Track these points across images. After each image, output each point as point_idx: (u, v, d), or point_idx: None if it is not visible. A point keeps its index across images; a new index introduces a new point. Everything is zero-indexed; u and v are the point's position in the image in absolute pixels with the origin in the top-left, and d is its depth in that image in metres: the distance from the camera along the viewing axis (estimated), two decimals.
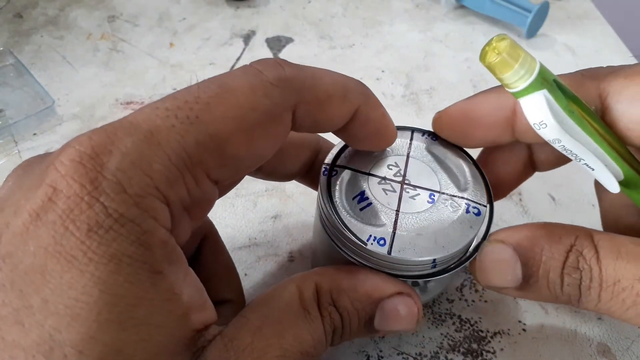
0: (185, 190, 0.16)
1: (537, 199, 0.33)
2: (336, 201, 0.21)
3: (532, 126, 0.20)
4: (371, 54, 0.44)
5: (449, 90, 0.41)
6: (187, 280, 0.17)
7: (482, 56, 0.18)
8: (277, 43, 0.45)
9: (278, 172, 0.24)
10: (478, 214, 0.21)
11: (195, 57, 0.44)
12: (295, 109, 0.18)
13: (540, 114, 0.19)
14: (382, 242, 0.20)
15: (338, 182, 0.22)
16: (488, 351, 0.26)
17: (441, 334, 0.26)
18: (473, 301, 0.27)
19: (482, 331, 0.26)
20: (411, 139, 0.24)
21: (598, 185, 0.26)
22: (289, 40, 0.46)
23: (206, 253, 0.24)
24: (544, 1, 0.44)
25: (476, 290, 0.28)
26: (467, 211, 0.21)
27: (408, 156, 0.23)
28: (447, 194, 0.22)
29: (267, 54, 0.44)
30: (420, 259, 0.20)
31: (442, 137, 0.24)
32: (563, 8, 0.49)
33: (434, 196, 0.22)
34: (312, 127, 0.19)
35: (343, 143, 0.23)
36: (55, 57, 0.43)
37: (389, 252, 0.20)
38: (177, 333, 0.16)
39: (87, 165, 0.15)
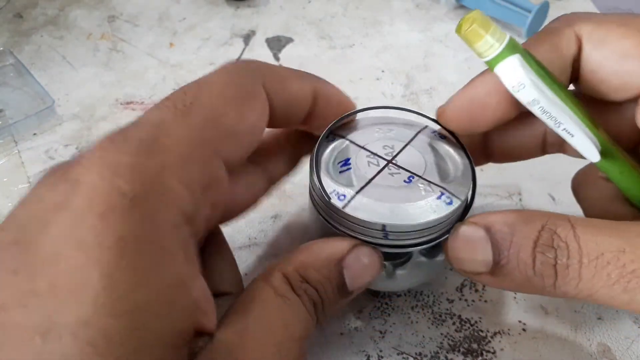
0: (199, 169, 0.17)
1: (537, 199, 0.33)
2: (320, 160, 0.23)
3: (510, 90, 0.20)
4: (371, 54, 0.44)
5: (449, 90, 0.40)
6: (199, 281, 0.17)
7: (458, 28, 0.20)
8: (277, 43, 0.45)
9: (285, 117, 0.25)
10: (450, 203, 0.22)
11: (195, 57, 0.44)
12: (265, 85, 0.20)
13: (517, 76, 0.20)
14: (341, 197, 0.21)
15: (331, 146, 0.24)
16: (488, 351, 0.26)
17: (441, 334, 0.26)
18: (473, 301, 0.27)
19: (482, 331, 0.26)
20: (419, 132, 0.25)
21: (577, 187, 0.26)
22: (289, 40, 0.46)
23: (208, 248, 0.24)
24: (544, 1, 0.44)
25: (476, 290, 0.28)
26: (439, 198, 0.22)
27: (407, 144, 0.24)
28: (426, 179, 0.22)
29: (267, 54, 0.44)
30: (369, 220, 0.21)
31: (450, 130, 0.24)
32: (563, 8, 0.49)
33: (412, 178, 0.22)
34: (285, 106, 0.21)
35: (347, 113, 0.25)
36: (55, 57, 0.43)
37: (343, 207, 0.21)
38: (177, 325, 0.15)
39: (106, 156, 0.16)
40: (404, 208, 0.21)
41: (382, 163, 0.23)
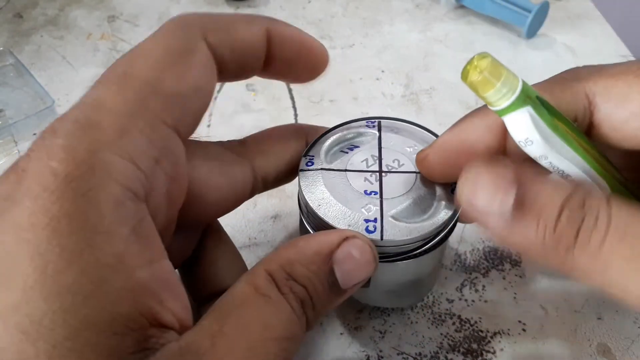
0: (144, 140, 0.16)
1: None
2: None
3: (518, 144, 0.19)
4: (371, 54, 0.44)
5: (449, 90, 0.41)
6: (157, 265, 0.16)
7: (464, 75, 0.18)
8: None
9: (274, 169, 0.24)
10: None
11: None
12: (207, 38, 0.19)
13: (526, 131, 0.19)
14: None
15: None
16: (488, 351, 0.26)
17: (441, 334, 0.26)
18: (473, 301, 0.27)
19: (482, 331, 0.26)
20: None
21: None
22: None
23: (208, 244, 0.24)
24: (544, 1, 0.44)
25: (476, 290, 0.28)
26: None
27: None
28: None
29: None
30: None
31: (431, 179, 0.23)
32: (563, 8, 0.49)
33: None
34: (235, 56, 0.20)
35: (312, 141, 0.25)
36: (55, 57, 0.43)
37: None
38: (112, 308, 0.14)
39: (45, 142, 0.15)
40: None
41: (375, 176, 0.23)
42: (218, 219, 0.25)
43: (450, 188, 0.22)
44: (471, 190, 0.18)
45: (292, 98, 0.40)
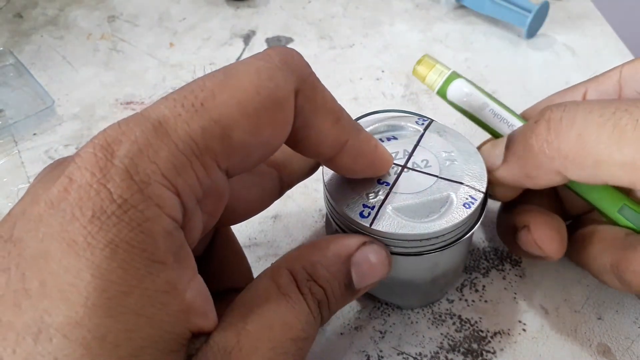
0: (195, 179, 0.16)
1: None
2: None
3: (460, 102, 0.25)
4: (371, 54, 0.44)
5: None
6: (194, 284, 0.16)
7: (414, 71, 0.26)
8: (277, 43, 0.45)
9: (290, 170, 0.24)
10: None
11: (195, 57, 0.44)
12: (296, 94, 0.18)
13: (465, 88, 0.25)
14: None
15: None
16: (488, 351, 0.26)
17: (441, 334, 0.26)
18: (473, 301, 0.27)
19: (482, 331, 0.26)
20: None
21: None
22: (289, 40, 0.46)
23: (217, 243, 0.24)
24: (544, 1, 0.44)
25: (476, 290, 0.28)
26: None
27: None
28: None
29: None
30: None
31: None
32: (563, 8, 0.49)
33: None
34: (306, 130, 0.19)
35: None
36: (55, 57, 0.43)
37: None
38: (171, 329, 0.15)
39: (98, 154, 0.15)
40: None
41: (397, 169, 0.23)
42: None
43: (463, 202, 0.22)
44: (482, 154, 0.24)
45: None
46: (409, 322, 0.27)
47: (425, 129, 0.25)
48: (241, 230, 0.31)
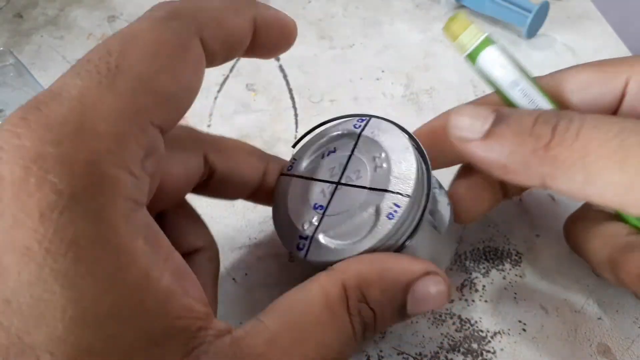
0: (135, 145, 0.15)
1: (538, 199, 0.33)
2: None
3: (491, 73, 0.23)
4: (371, 54, 0.44)
5: (449, 91, 0.41)
6: (170, 263, 0.15)
7: (445, 27, 0.23)
8: None
9: (233, 179, 0.24)
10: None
11: None
12: (200, 33, 0.18)
13: (499, 59, 0.23)
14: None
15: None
16: (488, 351, 0.26)
17: (441, 334, 0.26)
18: (473, 301, 0.27)
19: (482, 331, 0.26)
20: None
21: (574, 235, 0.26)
22: None
23: (171, 209, 0.23)
24: (544, 1, 0.44)
25: (476, 290, 0.28)
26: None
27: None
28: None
29: None
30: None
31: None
32: (563, 8, 0.49)
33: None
34: (222, 49, 0.19)
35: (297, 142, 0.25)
36: (55, 57, 0.43)
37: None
38: (155, 324, 0.14)
39: (26, 144, 0.13)
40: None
41: (332, 187, 0.22)
42: (214, 225, 0.25)
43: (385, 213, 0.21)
44: (455, 120, 0.21)
45: (292, 98, 0.40)
46: (409, 322, 0.27)
47: (360, 133, 0.23)
48: (241, 230, 0.31)
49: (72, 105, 0.14)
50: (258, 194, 0.25)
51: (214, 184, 0.23)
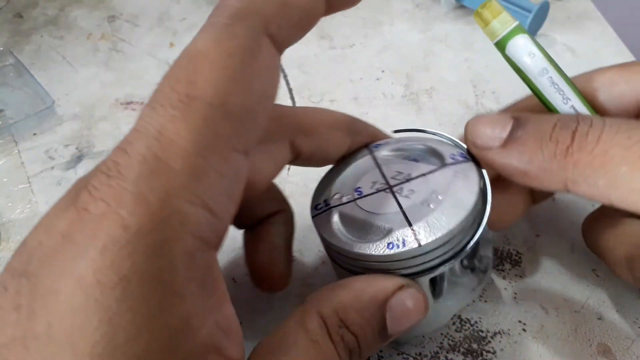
0: (217, 177, 0.15)
1: None
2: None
3: (521, 60, 0.23)
4: (371, 54, 0.44)
5: (449, 90, 0.41)
6: (216, 315, 0.15)
7: (477, 14, 0.23)
8: None
9: (318, 156, 0.23)
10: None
11: None
12: (268, 30, 0.16)
13: (529, 46, 0.23)
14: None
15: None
16: (488, 351, 0.26)
17: (441, 334, 0.26)
18: (473, 301, 0.27)
19: (482, 331, 0.26)
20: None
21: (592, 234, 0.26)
22: None
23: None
24: (544, 1, 0.44)
25: None
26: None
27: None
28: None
29: None
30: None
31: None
32: (563, 8, 0.49)
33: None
34: (293, 35, 0.17)
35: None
36: (55, 57, 0.43)
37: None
38: None
39: (111, 183, 0.14)
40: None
41: (383, 186, 0.22)
42: None
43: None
44: (473, 128, 0.21)
45: (292, 98, 0.40)
46: None
47: (446, 164, 0.22)
48: (241, 230, 0.31)
49: (149, 142, 0.14)
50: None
51: (296, 163, 0.23)
